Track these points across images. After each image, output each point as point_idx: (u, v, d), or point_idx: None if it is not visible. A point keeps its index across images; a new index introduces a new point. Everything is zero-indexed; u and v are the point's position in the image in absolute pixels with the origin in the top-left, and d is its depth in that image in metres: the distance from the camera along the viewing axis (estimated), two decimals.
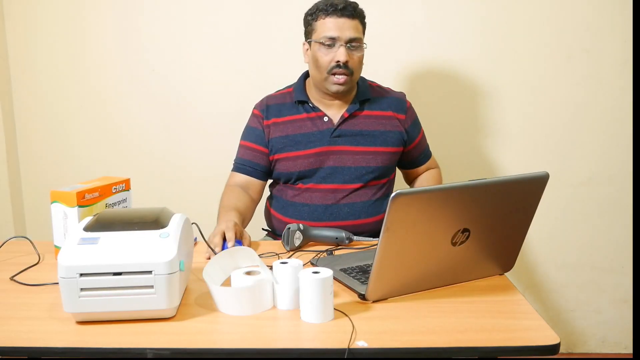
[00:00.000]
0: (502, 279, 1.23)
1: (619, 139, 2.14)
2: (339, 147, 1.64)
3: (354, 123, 1.66)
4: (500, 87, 2.13)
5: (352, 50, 1.58)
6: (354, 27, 1.57)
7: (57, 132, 2.25)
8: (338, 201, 1.63)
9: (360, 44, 1.60)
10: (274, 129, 1.67)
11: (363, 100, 1.68)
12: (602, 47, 2.08)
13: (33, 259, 1.39)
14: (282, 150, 1.66)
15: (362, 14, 1.62)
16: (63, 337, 0.99)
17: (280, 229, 1.69)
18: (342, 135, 1.65)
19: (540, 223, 2.19)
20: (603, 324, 2.27)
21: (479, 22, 2.09)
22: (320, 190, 1.64)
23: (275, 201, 1.73)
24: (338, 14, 1.56)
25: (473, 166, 2.17)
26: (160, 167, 2.24)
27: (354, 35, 1.57)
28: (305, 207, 1.65)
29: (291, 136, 1.65)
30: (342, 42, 1.56)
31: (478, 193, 1.09)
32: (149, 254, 1.02)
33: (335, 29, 1.56)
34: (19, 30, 2.19)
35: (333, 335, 0.98)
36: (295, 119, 1.67)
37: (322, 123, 1.65)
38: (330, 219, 1.62)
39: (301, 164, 1.64)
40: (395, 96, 1.74)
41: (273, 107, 1.69)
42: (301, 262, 1.11)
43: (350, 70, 1.58)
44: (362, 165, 1.64)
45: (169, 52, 2.18)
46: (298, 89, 1.70)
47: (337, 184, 1.64)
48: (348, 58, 1.56)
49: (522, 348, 0.95)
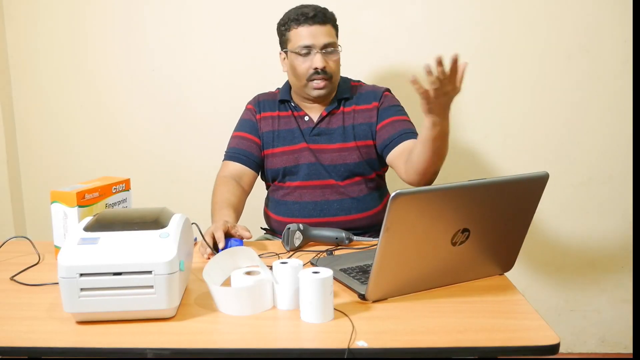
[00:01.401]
0: (502, 279, 1.23)
1: (619, 139, 2.14)
2: (317, 145, 1.67)
3: (332, 121, 1.69)
4: (500, 86, 2.13)
5: (328, 55, 1.62)
6: (326, 33, 1.61)
7: (57, 132, 2.25)
8: (327, 198, 1.65)
9: (335, 47, 1.64)
10: (264, 122, 1.72)
11: (341, 98, 1.70)
12: (602, 47, 2.08)
13: (33, 259, 1.39)
14: (270, 145, 1.70)
15: (332, 17, 1.66)
16: (63, 337, 0.99)
17: (277, 228, 1.71)
18: (320, 134, 1.68)
19: (540, 223, 2.20)
20: (603, 324, 2.27)
21: (479, 22, 2.09)
22: (308, 187, 1.67)
23: (270, 201, 1.76)
24: (310, 22, 1.60)
25: (473, 166, 2.17)
26: (160, 167, 2.24)
27: (328, 40, 1.61)
28: (295, 204, 1.67)
29: (277, 131, 1.71)
30: (317, 49, 1.61)
31: (478, 193, 1.09)
32: (149, 254, 1.02)
33: (309, 37, 1.60)
34: (19, 30, 2.19)
35: (333, 335, 0.98)
36: (282, 115, 1.72)
37: (303, 122, 1.70)
38: (321, 216, 1.64)
39: (287, 159, 1.68)
40: (374, 89, 1.74)
41: (264, 103, 1.75)
42: (301, 262, 1.11)
43: (329, 75, 1.63)
44: (340, 162, 1.66)
45: (169, 52, 2.18)
46: (283, 89, 1.76)
47: (321, 180, 1.66)
48: (325, 63, 1.61)
49: (522, 348, 0.95)
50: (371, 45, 2.10)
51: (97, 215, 1.16)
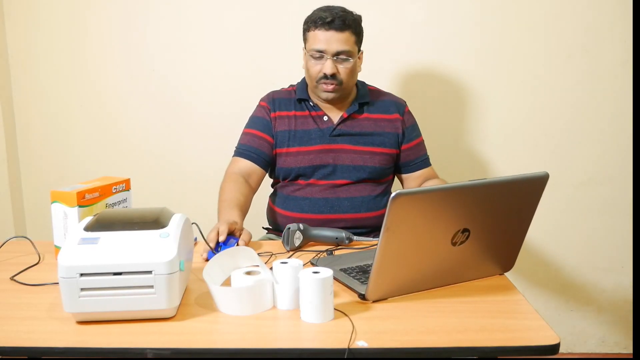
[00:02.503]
0: (502, 279, 1.23)
1: (619, 139, 2.14)
2: (337, 146, 1.68)
3: (353, 124, 1.70)
4: (500, 86, 2.13)
5: (340, 62, 1.61)
6: (342, 40, 1.60)
7: (57, 132, 2.25)
8: (338, 195, 1.66)
9: (349, 56, 1.62)
10: (280, 122, 1.71)
11: (362, 103, 1.72)
12: (602, 47, 2.08)
13: (33, 259, 1.39)
14: (285, 144, 1.69)
15: (354, 24, 1.62)
16: (63, 337, 0.99)
17: (282, 224, 1.70)
18: (341, 135, 1.69)
19: (540, 223, 2.19)
20: (603, 324, 2.27)
21: (479, 22, 2.09)
22: (320, 185, 1.68)
23: (277, 197, 1.75)
24: (326, 27, 1.59)
25: (473, 166, 2.17)
26: (160, 167, 2.24)
27: (341, 48, 1.60)
28: (305, 200, 1.67)
29: (294, 131, 1.69)
30: (329, 55, 1.60)
31: (478, 193, 1.09)
32: (149, 254, 1.02)
33: (322, 42, 1.60)
34: (19, 30, 2.19)
35: (333, 335, 0.98)
36: (299, 115, 1.71)
37: (322, 122, 1.70)
38: (332, 212, 1.65)
39: (301, 160, 1.67)
40: (395, 100, 1.78)
41: (279, 101, 1.74)
42: (301, 262, 1.11)
43: (339, 81, 1.63)
44: (360, 164, 1.67)
45: (169, 52, 2.18)
46: (300, 87, 1.75)
47: (335, 179, 1.67)
48: (335, 70, 1.61)
49: (522, 348, 0.95)
50: (371, 46, 2.10)
51: (97, 215, 1.16)
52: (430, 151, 1.83)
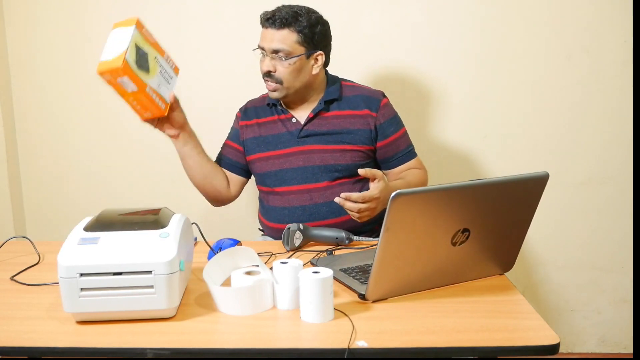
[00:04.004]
0: (502, 279, 1.23)
1: (619, 139, 2.13)
2: (307, 147, 1.65)
3: (321, 123, 1.66)
4: (500, 86, 2.12)
5: (279, 60, 1.57)
6: (278, 38, 1.56)
7: (57, 132, 2.25)
8: (315, 201, 1.64)
9: (288, 55, 1.56)
10: (248, 130, 1.72)
11: (329, 100, 1.67)
12: (602, 47, 2.08)
13: (33, 259, 1.39)
14: (254, 150, 1.69)
15: (296, 23, 1.56)
16: (63, 337, 0.99)
17: (270, 234, 1.71)
18: (309, 135, 1.66)
19: (540, 223, 2.18)
20: (603, 324, 2.27)
21: (479, 22, 2.08)
22: (295, 192, 1.65)
23: (261, 207, 1.76)
24: (265, 25, 1.59)
25: (473, 166, 2.17)
26: (160, 167, 2.24)
27: (277, 46, 1.56)
28: (284, 210, 1.66)
29: (262, 137, 1.69)
30: (266, 53, 1.59)
31: (478, 193, 1.09)
32: (149, 254, 1.02)
33: (261, 39, 1.60)
34: (19, 30, 2.18)
35: (333, 335, 0.98)
36: (268, 121, 1.71)
37: (291, 124, 1.68)
38: (311, 219, 1.61)
39: (272, 164, 1.67)
40: (369, 94, 1.70)
41: (251, 110, 1.75)
42: (301, 262, 1.11)
43: (278, 80, 1.59)
44: (331, 163, 1.63)
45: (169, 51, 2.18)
46: None
47: (309, 183, 1.64)
48: (270, 68, 1.58)
49: (521, 348, 0.95)
50: (371, 46, 2.10)
51: (97, 215, 1.16)
52: (430, 151, 1.83)
